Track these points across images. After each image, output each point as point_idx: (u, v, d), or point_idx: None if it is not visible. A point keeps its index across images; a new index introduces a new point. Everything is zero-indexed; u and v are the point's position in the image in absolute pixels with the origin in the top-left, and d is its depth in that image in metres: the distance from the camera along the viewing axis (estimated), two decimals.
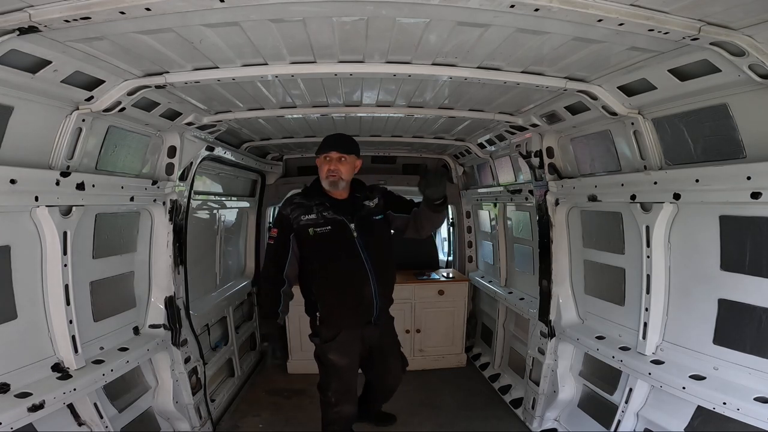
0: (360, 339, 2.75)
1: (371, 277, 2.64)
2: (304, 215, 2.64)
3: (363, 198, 2.74)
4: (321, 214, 2.62)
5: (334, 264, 2.65)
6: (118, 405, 2.65)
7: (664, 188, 2.33)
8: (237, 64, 2.19)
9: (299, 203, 2.68)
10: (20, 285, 2.11)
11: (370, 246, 2.66)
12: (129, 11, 1.55)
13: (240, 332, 4.58)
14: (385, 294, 2.77)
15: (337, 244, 2.63)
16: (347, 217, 2.64)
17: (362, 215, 2.69)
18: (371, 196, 2.77)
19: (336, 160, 2.61)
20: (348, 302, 2.68)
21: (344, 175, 2.63)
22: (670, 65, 1.98)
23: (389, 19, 1.77)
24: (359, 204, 2.71)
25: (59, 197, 2.18)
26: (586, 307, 3.20)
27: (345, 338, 2.70)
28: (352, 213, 2.66)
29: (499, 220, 4.60)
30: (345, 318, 2.70)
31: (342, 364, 2.72)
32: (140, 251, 3.01)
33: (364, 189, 2.80)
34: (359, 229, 2.65)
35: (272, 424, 3.66)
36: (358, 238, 2.63)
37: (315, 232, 2.61)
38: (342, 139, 2.71)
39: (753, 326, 2.03)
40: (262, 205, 5.30)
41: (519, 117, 3.19)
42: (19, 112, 1.94)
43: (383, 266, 2.72)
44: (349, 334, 2.71)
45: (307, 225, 2.62)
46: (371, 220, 2.71)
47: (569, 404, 3.25)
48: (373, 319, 2.71)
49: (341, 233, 2.62)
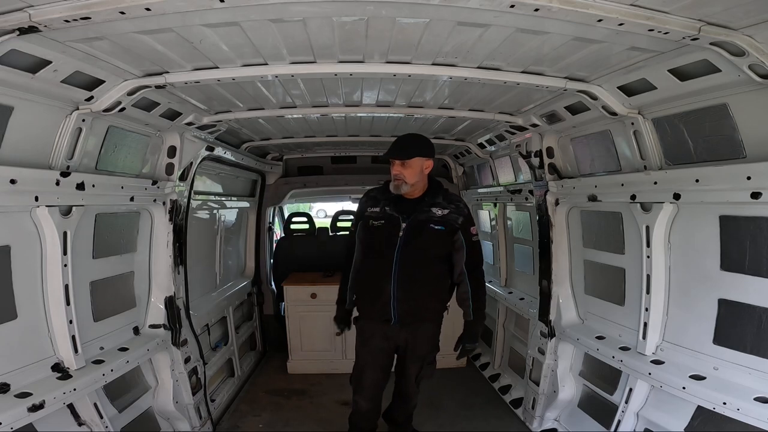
0: (381, 335, 2.75)
1: (394, 277, 2.64)
2: (372, 207, 2.75)
3: (431, 203, 2.68)
4: (384, 209, 2.70)
5: (372, 256, 2.75)
6: (118, 405, 2.64)
7: (664, 188, 2.33)
8: (237, 64, 2.19)
9: (374, 196, 2.79)
10: (20, 285, 2.11)
11: (412, 249, 2.63)
12: (129, 11, 1.55)
13: (240, 332, 4.58)
14: (409, 300, 2.67)
15: (383, 239, 2.68)
16: (403, 216, 2.65)
17: (419, 218, 2.65)
18: (444, 206, 2.69)
19: (399, 164, 2.61)
20: (367, 295, 2.78)
21: (408, 179, 2.61)
22: (670, 65, 1.98)
23: (389, 19, 1.77)
24: (423, 207, 2.67)
25: (59, 197, 2.18)
26: (586, 307, 3.20)
27: (366, 327, 2.81)
28: (410, 213, 2.66)
29: (499, 220, 4.60)
30: (365, 309, 2.81)
31: (359, 350, 2.84)
32: (140, 251, 3.01)
33: (440, 195, 2.73)
34: (407, 229, 2.64)
35: (272, 425, 3.66)
36: (402, 237, 2.63)
37: (372, 224, 2.72)
38: (404, 142, 2.66)
39: (753, 326, 2.03)
40: (262, 205, 5.30)
41: (519, 117, 3.19)
42: (19, 112, 1.94)
43: (417, 272, 2.66)
44: (371, 325, 2.79)
45: (370, 216, 2.73)
46: (426, 226, 2.65)
47: (569, 404, 3.25)
48: (393, 320, 2.69)
49: (391, 229, 2.66)
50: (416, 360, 2.85)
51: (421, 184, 2.69)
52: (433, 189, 2.74)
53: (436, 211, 2.67)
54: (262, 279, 5.32)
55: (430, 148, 2.70)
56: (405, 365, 2.88)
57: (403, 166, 2.60)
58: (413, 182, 2.63)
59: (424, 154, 2.64)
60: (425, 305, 2.75)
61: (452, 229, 2.68)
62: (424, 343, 2.82)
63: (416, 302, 2.70)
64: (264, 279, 5.35)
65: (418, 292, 2.70)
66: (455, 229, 2.69)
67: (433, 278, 2.75)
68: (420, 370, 2.87)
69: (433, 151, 2.71)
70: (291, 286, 4.64)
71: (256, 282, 5.20)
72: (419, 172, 2.63)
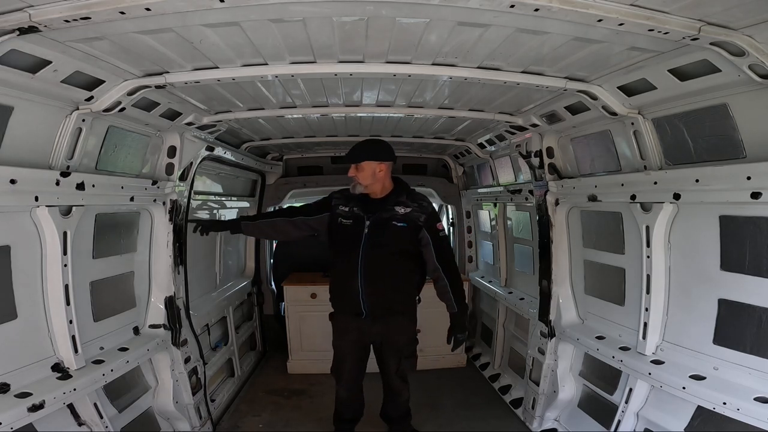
0: (355, 328, 2.89)
1: (360, 273, 2.76)
2: (342, 205, 2.87)
3: (395, 202, 2.80)
4: (352, 209, 2.83)
5: (341, 254, 2.86)
6: (118, 405, 2.64)
7: (664, 188, 2.33)
8: (237, 64, 2.19)
9: (345, 195, 2.91)
10: (20, 285, 2.11)
11: (375, 246, 2.75)
12: (129, 11, 1.55)
13: (240, 332, 4.58)
14: (375, 294, 2.79)
15: (350, 238, 2.80)
16: (368, 215, 2.78)
17: (383, 217, 2.77)
18: (407, 204, 2.81)
19: (353, 168, 2.78)
20: (339, 291, 2.94)
21: (362, 180, 2.77)
22: (670, 65, 1.98)
23: (389, 19, 1.77)
24: (387, 206, 2.79)
25: (59, 197, 2.18)
26: (586, 307, 3.20)
27: (340, 322, 2.97)
28: (374, 212, 2.78)
29: (499, 220, 4.60)
30: (338, 304, 2.97)
31: (335, 343, 3.01)
32: (140, 251, 3.01)
33: (404, 194, 2.84)
34: (371, 228, 2.76)
35: (272, 425, 3.66)
36: (366, 236, 2.75)
37: (341, 222, 2.84)
38: (358, 148, 2.82)
39: (753, 326, 2.03)
40: (262, 205, 5.30)
41: (519, 117, 3.19)
42: (19, 112, 1.94)
43: (380, 266, 2.77)
44: (345, 319, 2.93)
45: (340, 214, 2.86)
46: (390, 224, 2.77)
47: (569, 404, 3.25)
48: (363, 314, 2.82)
49: (356, 228, 2.78)
50: (393, 353, 2.95)
51: (380, 186, 2.81)
52: (398, 189, 2.86)
53: (399, 209, 2.79)
54: (262, 279, 5.32)
55: (384, 152, 2.80)
56: (383, 359, 3.00)
57: (356, 169, 2.76)
58: (367, 183, 2.77)
59: (375, 158, 2.75)
60: (393, 298, 2.86)
61: (415, 226, 2.79)
62: (397, 335, 2.93)
63: (384, 296, 2.82)
64: (264, 279, 5.36)
65: (384, 287, 2.82)
66: (418, 227, 2.79)
67: (398, 273, 2.86)
68: (399, 364, 2.97)
69: (388, 155, 2.80)
70: (291, 286, 4.64)
71: (256, 282, 5.20)
72: (371, 175, 2.76)
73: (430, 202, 2.93)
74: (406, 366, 2.98)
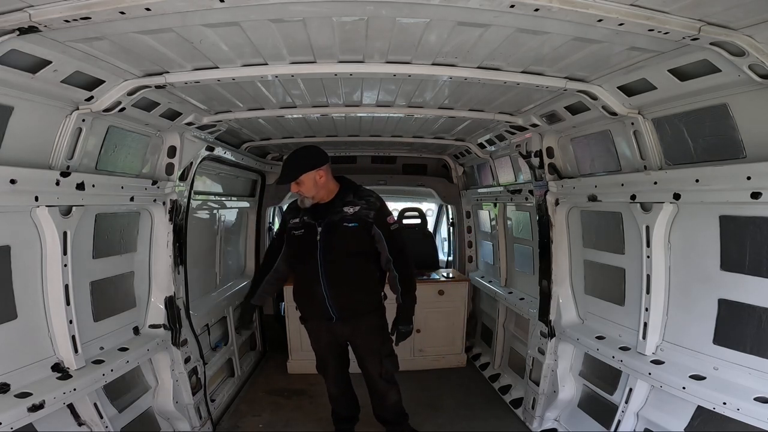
0: (326, 331, 2.94)
1: (322, 278, 2.77)
2: (293, 218, 2.89)
3: (342, 204, 2.79)
4: (302, 219, 2.84)
5: (299, 263, 2.91)
6: (118, 405, 2.64)
7: (664, 188, 2.33)
8: (237, 64, 2.19)
9: (294, 208, 2.93)
10: (20, 285, 2.11)
11: (331, 249, 2.76)
12: (129, 11, 1.55)
13: (240, 332, 4.57)
14: (340, 296, 2.79)
15: (304, 246, 2.82)
16: (318, 221, 2.78)
17: (333, 220, 2.76)
18: (355, 203, 2.78)
19: (294, 185, 2.74)
20: (305, 298, 2.94)
21: (306, 193, 2.74)
22: (670, 65, 1.98)
23: (389, 19, 1.77)
24: (335, 209, 2.78)
25: (59, 197, 2.18)
26: (586, 307, 3.20)
27: (313, 327, 3.03)
28: (324, 216, 2.78)
29: (499, 220, 4.60)
30: (307, 310, 3.00)
31: (316, 347, 3.09)
32: (140, 251, 3.01)
33: (350, 194, 2.82)
34: (324, 232, 2.76)
35: (272, 425, 3.66)
36: (320, 241, 2.76)
37: (294, 234, 2.86)
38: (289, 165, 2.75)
39: (753, 326, 2.03)
40: (262, 205, 5.30)
41: (519, 117, 3.19)
42: (19, 112, 1.94)
43: (339, 270, 2.78)
44: (315, 324, 3.00)
45: (292, 227, 2.88)
46: (341, 226, 2.76)
47: (569, 404, 3.25)
48: (333, 317, 2.84)
49: (309, 236, 2.79)
50: (370, 354, 2.96)
51: (325, 190, 2.78)
52: (344, 189, 2.84)
53: (348, 209, 2.77)
54: None
55: (316, 158, 2.74)
56: (363, 363, 3.01)
57: (297, 185, 2.73)
58: (312, 194, 2.75)
59: (311, 168, 2.70)
60: (357, 299, 2.87)
61: (366, 223, 2.77)
62: (370, 335, 2.94)
63: (348, 298, 2.83)
64: None
65: (348, 288, 2.83)
66: (369, 224, 2.78)
67: (358, 273, 2.86)
68: (381, 365, 2.96)
69: (321, 159, 2.75)
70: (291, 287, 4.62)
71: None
72: (313, 185, 2.73)
73: (378, 196, 2.90)
74: (387, 366, 2.97)
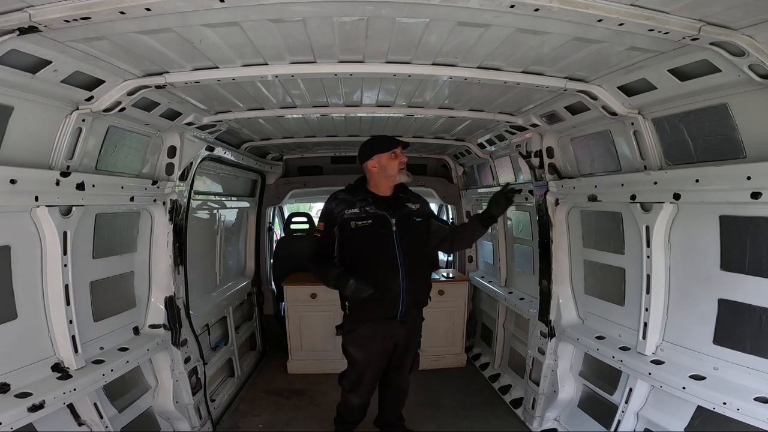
0: (383, 335, 2.80)
1: (401, 272, 2.71)
2: (348, 209, 2.75)
3: (405, 199, 2.85)
4: (363, 209, 2.74)
5: (370, 256, 2.73)
6: (118, 405, 2.64)
7: (664, 188, 2.33)
8: (237, 64, 2.19)
9: (343, 199, 2.80)
10: (20, 285, 2.10)
11: (407, 243, 2.75)
12: (129, 11, 1.55)
13: (240, 332, 4.58)
14: (414, 291, 2.78)
15: (376, 238, 2.72)
16: (389, 213, 2.75)
17: (404, 213, 2.79)
18: (414, 200, 2.88)
19: (400, 154, 2.79)
20: (374, 294, 2.63)
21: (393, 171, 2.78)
22: (670, 65, 1.98)
23: (389, 20, 1.77)
24: (401, 203, 2.82)
25: (59, 197, 2.18)
26: (586, 307, 3.20)
27: (366, 332, 2.79)
28: (394, 209, 2.77)
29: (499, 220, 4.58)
30: (369, 311, 2.74)
31: (358, 358, 2.85)
32: (140, 251, 3.01)
33: (407, 191, 2.90)
34: (398, 225, 2.75)
35: (272, 425, 3.66)
36: (396, 234, 2.73)
37: (357, 225, 2.72)
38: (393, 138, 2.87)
39: (753, 326, 2.03)
40: (262, 205, 5.30)
41: (519, 117, 3.19)
42: (19, 112, 1.94)
43: (416, 265, 2.79)
44: (371, 328, 2.78)
45: (350, 218, 2.73)
46: (411, 220, 2.80)
47: (569, 404, 3.25)
48: (399, 315, 2.76)
49: (381, 227, 2.73)
50: (413, 352, 3.00)
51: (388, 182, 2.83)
52: (401, 187, 2.87)
53: (411, 205, 2.84)
54: (262, 279, 5.32)
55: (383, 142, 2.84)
56: (402, 360, 2.97)
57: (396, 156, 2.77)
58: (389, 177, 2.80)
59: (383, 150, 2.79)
60: (424, 294, 2.91)
61: (426, 220, 2.89)
62: (417, 334, 2.99)
63: (418, 293, 2.84)
64: (264, 279, 5.36)
65: (420, 283, 2.85)
66: (428, 220, 2.90)
67: (427, 267, 2.98)
68: (415, 361, 3.04)
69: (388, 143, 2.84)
70: (291, 286, 4.64)
71: (256, 282, 5.20)
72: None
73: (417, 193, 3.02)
74: (416, 363, 3.04)
